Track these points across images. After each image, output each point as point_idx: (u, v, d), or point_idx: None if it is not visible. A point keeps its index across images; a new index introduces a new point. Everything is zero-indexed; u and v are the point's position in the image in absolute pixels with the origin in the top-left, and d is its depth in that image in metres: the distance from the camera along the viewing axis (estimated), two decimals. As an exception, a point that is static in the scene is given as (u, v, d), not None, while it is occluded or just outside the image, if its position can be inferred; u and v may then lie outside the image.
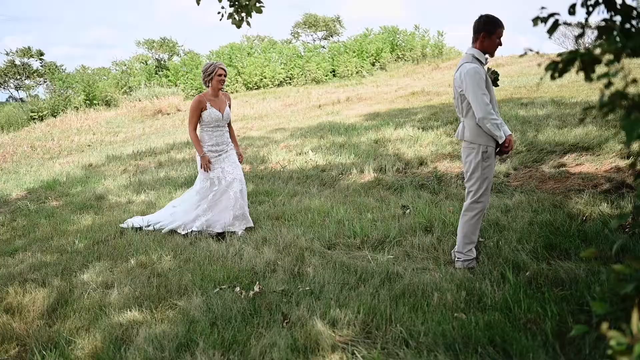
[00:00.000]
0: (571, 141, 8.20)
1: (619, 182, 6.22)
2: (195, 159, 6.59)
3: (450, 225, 5.49)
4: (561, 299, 3.67)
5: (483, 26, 4.45)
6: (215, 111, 6.29)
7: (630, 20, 2.08)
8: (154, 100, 24.76)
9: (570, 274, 4.01)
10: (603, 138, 8.01)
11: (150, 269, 5.25)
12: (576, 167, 7.21)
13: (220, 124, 6.37)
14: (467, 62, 4.45)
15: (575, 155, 7.63)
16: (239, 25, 4.90)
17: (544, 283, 3.96)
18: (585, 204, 5.69)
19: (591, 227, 4.90)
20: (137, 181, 10.13)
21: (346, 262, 4.89)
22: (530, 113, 10.99)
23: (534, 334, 3.27)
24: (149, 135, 18.02)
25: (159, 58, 33.31)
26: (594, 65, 1.93)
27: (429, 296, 3.95)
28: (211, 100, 6.32)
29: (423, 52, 32.29)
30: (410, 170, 8.57)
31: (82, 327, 4.14)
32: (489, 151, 4.44)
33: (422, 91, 19.10)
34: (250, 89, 29.46)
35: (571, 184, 6.57)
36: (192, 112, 6.31)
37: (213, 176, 6.39)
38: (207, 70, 6.26)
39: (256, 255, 5.36)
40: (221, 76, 6.24)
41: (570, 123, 9.40)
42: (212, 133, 6.37)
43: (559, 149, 8.01)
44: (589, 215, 5.31)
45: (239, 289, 4.41)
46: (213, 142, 6.38)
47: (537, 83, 5.95)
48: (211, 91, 6.33)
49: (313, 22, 44.40)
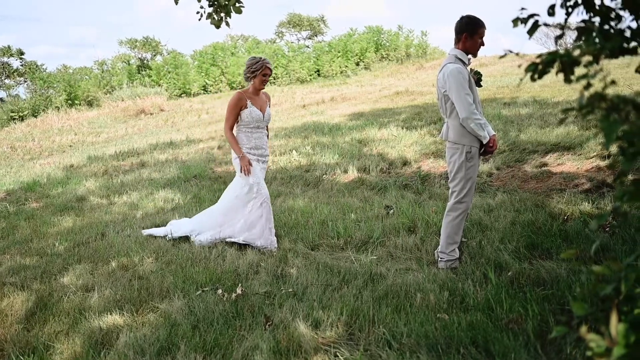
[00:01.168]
0: (553, 141, 8.26)
1: (599, 182, 6.28)
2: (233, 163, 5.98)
3: (433, 225, 5.50)
4: (542, 298, 3.68)
5: (465, 27, 4.46)
6: (257, 110, 5.72)
7: (609, 22, 2.08)
8: (136, 100, 24.56)
9: (552, 273, 4.03)
10: (584, 138, 8.07)
11: (132, 272, 5.19)
12: (558, 167, 7.26)
13: (260, 124, 5.81)
14: (450, 63, 4.46)
15: (557, 155, 7.68)
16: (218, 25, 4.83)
17: (526, 283, 3.98)
18: (566, 203, 5.73)
19: (572, 227, 4.93)
20: (119, 182, 10.04)
21: (329, 263, 4.88)
22: (512, 112, 11.06)
23: (515, 334, 3.27)
24: (132, 136, 17.87)
25: (141, 57, 33.04)
26: (574, 66, 1.93)
27: (411, 297, 3.95)
28: (252, 98, 5.76)
29: (407, 52, 32.36)
30: (394, 170, 8.58)
31: (62, 332, 4.08)
32: (472, 151, 4.45)
33: (406, 91, 19.14)
34: (234, 89, 29.31)
35: (553, 184, 6.61)
36: (230, 110, 5.72)
37: (253, 182, 5.74)
38: (252, 65, 5.66)
39: (239, 256, 5.32)
40: (266, 76, 5.72)
41: (552, 123, 9.47)
42: (252, 134, 5.78)
43: (540, 149, 8.07)
44: (570, 215, 5.34)
45: (221, 291, 4.37)
46: (252, 144, 5.78)
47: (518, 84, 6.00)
48: (252, 89, 5.77)
49: (297, 21, 44.34)
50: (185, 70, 29.35)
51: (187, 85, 28.82)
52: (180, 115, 21.46)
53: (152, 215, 7.55)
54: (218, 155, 11.91)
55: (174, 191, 8.83)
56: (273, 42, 37.16)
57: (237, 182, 5.90)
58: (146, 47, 33.21)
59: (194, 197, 8.30)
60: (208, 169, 10.42)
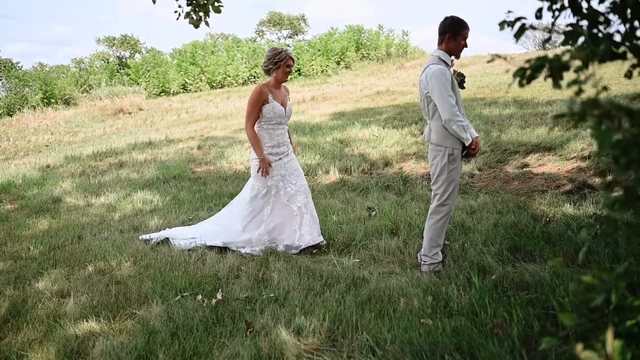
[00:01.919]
0: (534, 141, 8.29)
1: (580, 183, 6.29)
2: (251, 162, 5.72)
3: (416, 227, 5.46)
4: (527, 302, 3.65)
5: (448, 27, 4.42)
6: (278, 105, 5.38)
7: (597, 26, 2.04)
8: (115, 99, 24.23)
9: (536, 276, 4.00)
10: (564, 138, 8.10)
11: (109, 276, 5.07)
12: (539, 168, 7.27)
13: (282, 120, 5.47)
14: (433, 64, 4.41)
15: (538, 156, 7.71)
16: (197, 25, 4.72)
17: (510, 286, 3.95)
18: (548, 204, 5.73)
19: (555, 229, 4.92)
20: (97, 183, 9.86)
21: (311, 267, 4.81)
22: (493, 113, 11.09)
23: (500, 339, 3.23)
24: (110, 135, 17.61)
25: (120, 56, 32.65)
26: (563, 71, 1.88)
27: (395, 302, 3.90)
28: (273, 92, 5.40)
29: (388, 52, 32.40)
30: (375, 170, 8.54)
31: (36, 340, 3.95)
32: (455, 154, 4.40)
33: (387, 90, 19.15)
34: (214, 88, 29.11)
35: (534, 185, 6.62)
36: (252, 105, 5.33)
37: (271, 184, 5.46)
38: (275, 56, 5.32)
39: (219, 260, 5.23)
40: (290, 67, 5.37)
41: (533, 123, 9.51)
42: (274, 132, 5.45)
43: (522, 149, 8.09)
44: (553, 217, 5.34)
45: (201, 297, 4.28)
46: (274, 142, 5.46)
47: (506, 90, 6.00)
48: (273, 82, 5.41)
49: (278, 20, 44.15)
50: (164, 69, 29.06)
51: (167, 84, 28.54)
52: (160, 115, 21.21)
53: (131, 217, 7.41)
54: (198, 155, 11.77)
55: (153, 192, 8.69)
56: (253, 41, 36.95)
57: (252, 184, 5.62)
58: (125, 45, 32.82)
59: (173, 199, 8.17)
60: (188, 169, 10.29)
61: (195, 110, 21.19)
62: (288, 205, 5.47)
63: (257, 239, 5.52)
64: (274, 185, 5.47)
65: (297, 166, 5.67)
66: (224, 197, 7.94)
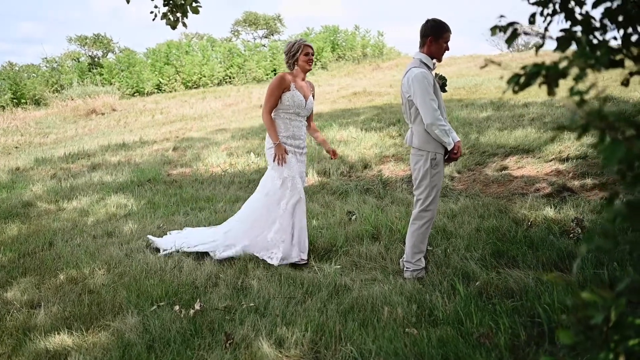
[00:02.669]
0: (512, 143, 8.30)
1: (560, 186, 6.30)
2: (266, 153, 5.42)
3: (397, 232, 5.39)
4: (512, 310, 3.60)
5: (430, 30, 4.35)
6: (299, 95, 5.16)
7: (593, 32, 1.97)
8: (87, 99, 23.76)
9: (520, 283, 3.96)
10: (542, 141, 8.13)
11: (82, 285, 4.88)
12: (518, 170, 7.27)
13: (301, 112, 5.23)
14: (415, 67, 4.34)
15: (517, 158, 7.71)
16: (174, 26, 4.57)
17: (495, 294, 3.89)
18: (529, 208, 5.71)
19: (537, 233, 4.89)
20: (69, 186, 9.59)
21: (292, 274, 4.70)
22: (471, 115, 11.11)
23: (487, 349, 3.17)
24: (82, 137, 17.25)
25: (92, 55, 32.08)
26: (559, 79, 1.81)
27: (379, 311, 3.81)
28: (296, 82, 5.21)
29: (364, 52, 32.45)
30: (354, 173, 8.46)
31: (4, 354, 3.77)
32: (437, 158, 4.34)
33: (364, 91, 19.12)
34: (190, 88, 28.80)
35: (514, 188, 6.61)
36: (271, 91, 5.13)
37: (287, 175, 5.17)
38: (291, 49, 5.16)
39: (196, 267, 5.08)
40: (309, 55, 5.14)
41: (510, 125, 9.54)
42: (290, 122, 5.22)
43: (500, 152, 8.09)
44: (534, 220, 5.31)
45: (179, 308, 4.13)
46: (289, 133, 5.22)
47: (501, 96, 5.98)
48: (297, 73, 5.24)
49: (253, 20, 43.90)
50: (138, 69, 28.63)
51: (141, 84, 28.13)
52: (134, 116, 20.87)
53: (104, 222, 7.21)
54: (173, 157, 11.56)
55: (127, 196, 8.48)
56: (229, 41, 36.66)
57: (269, 175, 5.31)
58: (97, 44, 32.25)
59: (148, 203, 7.98)
60: (163, 172, 10.09)
61: (170, 111, 20.91)
62: (304, 200, 5.27)
63: (273, 237, 5.20)
64: (290, 176, 5.17)
65: (304, 172, 5.42)
66: (200, 200, 7.79)
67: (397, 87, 19.30)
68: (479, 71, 21.08)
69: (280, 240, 5.12)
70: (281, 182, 5.16)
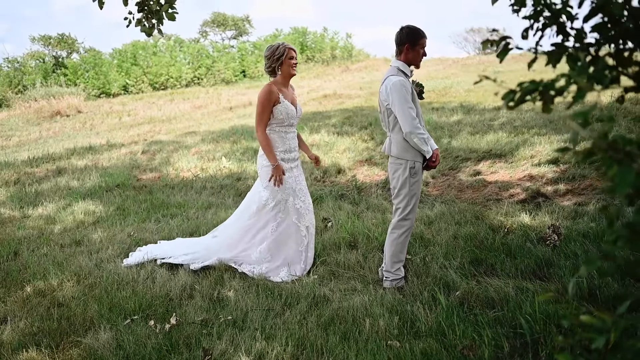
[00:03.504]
0: (484, 148, 8.35)
1: (534, 192, 6.34)
2: (259, 170, 5.15)
3: (374, 240, 5.34)
4: (494, 321, 3.58)
5: (406, 38, 4.30)
6: (290, 105, 4.91)
7: (588, 48, 1.94)
8: (51, 100, 23.14)
9: (500, 292, 3.94)
10: (513, 145, 8.21)
11: (50, 298, 4.69)
12: (491, 175, 7.32)
13: (293, 122, 5.00)
14: (393, 75, 4.29)
15: (489, 163, 7.76)
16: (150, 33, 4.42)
17: (476, 304, 3.87)
18: (505, 214, 5.73)
19: (514, 241, 4.90)
20: (34, 192, 9.29)
21: (269, 285, 4.61)
22: (442, 118, 11.17)
23: (472, 363, 3.14)
24: (47, 139, 16.80)
25: (56, 55, 31.31)
26: (555, 97, 1.78)
27: (360, 323, 3.74)
28: (282, 91, 4.91)
29: (333, 54, 32.46)
30: (328, 178, 8.40)
31: (-32, 375, 3.60)
32: (416, 167, 4.30)
33: (334, 94, 19.09)
34: (157, 90, 28.37)
35: (489, 193, 6.64)
36: (263, 107, 4.81)
37: (281, 198, 4.93)
38: (275, 52, 4.84)
39: (170, 278, 4.94)
40: (293, 59, 4.88)
41: (481, 129, 9.61)
42: (285, 135, 4.97)
43: (473, 156, 8.13)
44: (510, 227, 5.33)
45: (153, 322, 3.99)
46: (286, 146, 4.98)
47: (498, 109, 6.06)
48: (281, 79, 4.93)
49: (222, 21, 43.48)
50: (104, 70, 28.08)
51: (107, 85, 27.60)
52: (100, 118, 20.43)
53: (72, 230, 6.99)
54: (142, 161, 11.33)
55: (95, 202, 8.25)
56: (197, 42, 36.23)
57: (258, 194, 5.05)
58: (62, 44, 31.49)
59: (118, 209, 7.77)
60: (132, 176, 9.86)
61: (138, 113, 20.53)
62: (296, 224, 4.98)
63: (258, 257, 4.98)
64: (284, 199, 4.95)
65: (304, 179, 5.23)
66: (171, 207, 7.62)
67: (366, 90, 19.34)
68: (447, 74, 21.30)
69: (265, 260, 4.97)
70: (274, 204, 4.94)
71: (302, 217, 5.01)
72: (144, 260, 5.42)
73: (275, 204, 4.94)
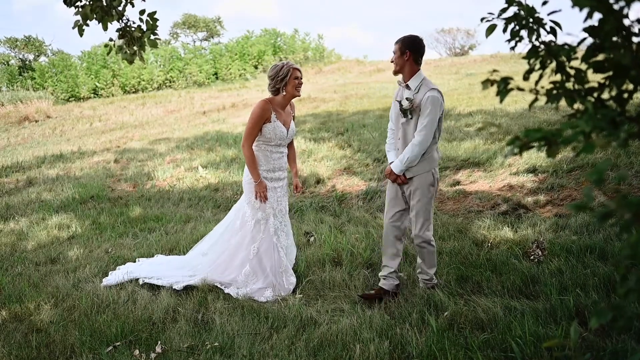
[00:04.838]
0: (462, 156, 8.39)
1: (515, 203, 6.39)
2: (244, 185, 5.08)
3: (358, 256, 5.30)
4: (484, 344, 3.57)
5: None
6: (281, 126, 4.84)
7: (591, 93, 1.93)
8: (19, 105, 22.60)
9: (489, 312, 3.94)
10: (491, 153, 8.27)
11: (27, 323, 4.52)
12: (471, 185, 7.35)
13: (282, 143, 4.94)
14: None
15: (468, 172, 7.80)
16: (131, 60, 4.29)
17: (465, 325, 3.86)
18: (487, 228, 5.76)
19: (498, 256, 4.92)
20: (4, 204, 9.02)
21: (255, 307, 4.53)
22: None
23: (465, 390, 3.13)
24: (15, 147, 16.37)
25: (23, 58, 30.60)
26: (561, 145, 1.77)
27: (350, 348, 3.70)
28: (277, 110, 4.84)
29: (305, 56, 32.41)
30: (308, 189, 8.34)
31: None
32: None
33: (308, 97, 19.00)
34: (128, 93, 27.93)
35: (469, 205, 6.66)
36: (253, 122, 4.75)
37: (261, 217, 4.89)
38: (279, 72, 4.73)
39: (152, 299, 4.81)
40: (298, 79, 4.79)
41: (458, 136, 9.66)
42: (271, 155, 4.91)
43: (452, 165, 8.17)
44: (493, 241, 5.35)
45: (138, 352, 3.89)
46: (270, 166, 4.93)
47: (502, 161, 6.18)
48: (281, 99, 4.85)
49: (193, 22, 43.06)
50: (73, 73, 27.54)
51: (76, 88, 27.08)
52: (70, 123, 20.00)
53: (46, 246, 6.80)
54: (115, 170, 11.12)
55: (70, 216, 8.05)
56: (168, 44, 35.82)
57: (242, 211, 5.01)
58: (28, 47, 30.79)
59: (93, 223, 7.59)
60: (106, 187, 9.66)
61: (109, 118, 20.17)
62: (276, 244, 4.95)
63: (243, 280, 4.89)
64: (264, 218, 4.91)
65: (286, 203, 5.18)
66: (149, 220, 7.48)
67: (341, 93, 19.31)
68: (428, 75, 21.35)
69: (251, 282, 4.88)
70: (254, 222, 4.90)
71: (279, 238, 5.00)
72: (124, 280, 5.30)
73: (255, 222, 4.91)
